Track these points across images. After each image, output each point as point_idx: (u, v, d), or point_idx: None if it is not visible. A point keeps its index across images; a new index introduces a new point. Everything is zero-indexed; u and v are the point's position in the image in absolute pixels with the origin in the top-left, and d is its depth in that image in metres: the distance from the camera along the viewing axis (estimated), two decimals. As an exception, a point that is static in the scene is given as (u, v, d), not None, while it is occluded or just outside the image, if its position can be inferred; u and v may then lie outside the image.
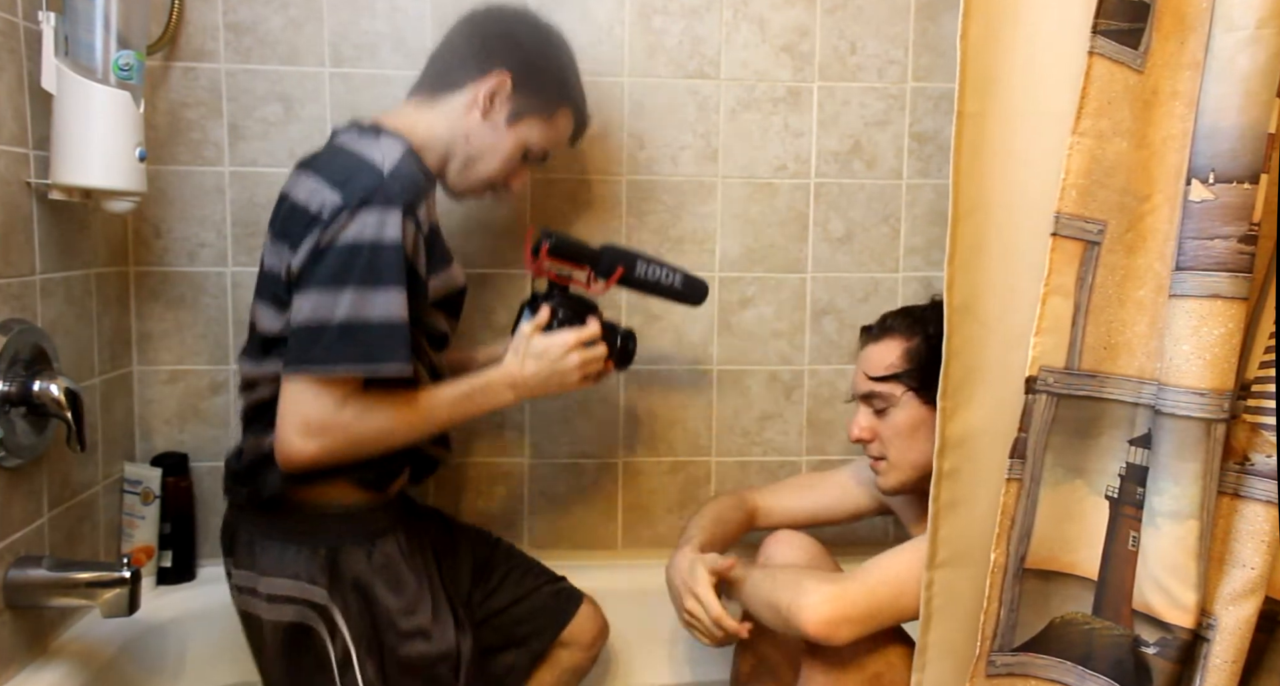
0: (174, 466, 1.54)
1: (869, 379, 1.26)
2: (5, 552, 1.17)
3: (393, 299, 1.11)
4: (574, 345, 1.25)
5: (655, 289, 1.36)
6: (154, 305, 1.56)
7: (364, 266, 1.10)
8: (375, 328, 1.11)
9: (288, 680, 1.24)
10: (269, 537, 1.22)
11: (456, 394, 1.22)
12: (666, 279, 1.35)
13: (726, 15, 1.60)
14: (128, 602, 1.20)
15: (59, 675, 1.22)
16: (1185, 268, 0.91)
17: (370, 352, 1.11)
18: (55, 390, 1.18)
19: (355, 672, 1.20)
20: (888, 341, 1.26)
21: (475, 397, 1.23)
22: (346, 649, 1.20)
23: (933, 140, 1.66)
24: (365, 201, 1.11)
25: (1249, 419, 0.94)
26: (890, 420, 1.25)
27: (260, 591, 1.21)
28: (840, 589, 1.13)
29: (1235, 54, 0.88)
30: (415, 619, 1.23)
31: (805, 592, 1.13)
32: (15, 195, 1.21)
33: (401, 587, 1.24)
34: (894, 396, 1.24)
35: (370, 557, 1.23)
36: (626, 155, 1.61)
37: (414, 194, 1.16)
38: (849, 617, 1.12)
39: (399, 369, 1.12)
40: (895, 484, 1.27)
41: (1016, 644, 1.02)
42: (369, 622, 1.21)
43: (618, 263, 1.32)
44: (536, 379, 1.23)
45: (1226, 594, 0.94)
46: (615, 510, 1.69)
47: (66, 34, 1.23)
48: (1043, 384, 0.97)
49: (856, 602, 1.12)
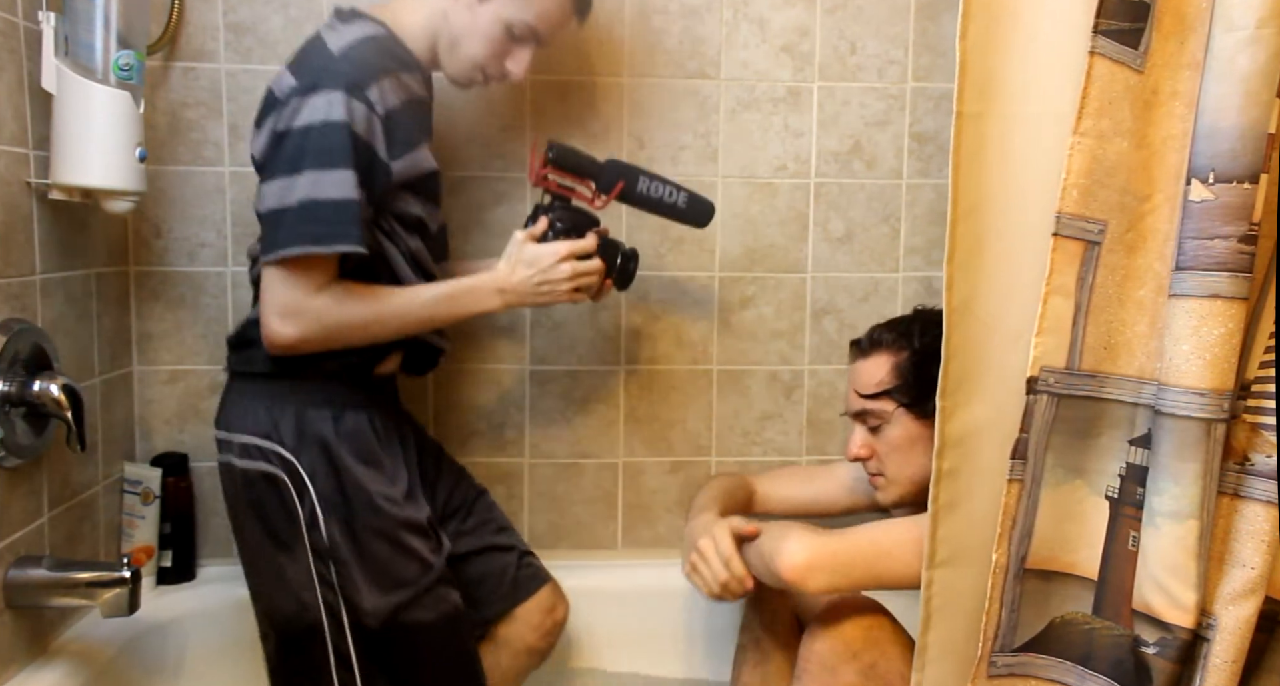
0: (174, 466, 1.54)
1: (860, 396, 1.26)
2: (5, 552, 1.17)
3: (341, 179, 1.13)
4: (566, 255, 1.23)
5: (658, 207, 1.34)
6: (154, 305, 1.56)
7: (315, 149, 1.13)
8: (325, 206, 1.13)
9: (257, 531, 1.24)
10: (247, 398, 1.25)
11: (440, 292, 1.23)
12: (670, 196, 1.33)
13: (726, 15, 1.60)
14: (128, 602, 1.21)
15: (59, 675, 1.22)
16: (1185, 267, 0.91)
17: (321, 232, 1.13)
18: (55, 390, 1.18)
19: (321, 530, 1.20)
20: (876, 357, 1.27)
21: (460, 298, 1.23)
22: (314, 508, 1.21)
23: (933, 140, 1.66)
24: (314, 85, 1.14)
25: (1249, 419, 0.94)
26: (885, 437, 1.26)
27: (234, 443, 1.24)
28: (822, 540, 1.14)
29: (1235, 54, 0.88)
30: (384, 488, 1.24)
31: (787, 539, 1.14)
32: (15, 195, 1.21)
33: (372, 459, 1.25)
34: (886, 413, 1.24)
35: (338, 424, 1.23)
36: (626, 155, 1.61)
37: (364, 75, 1.15)
38: (823, 566, 1.12)
39: (350, 247, 1.14)
40: (895, 498, 1.28)
41: (1017, 644, 1.02)
42: (335, 485, 1.22)
43: (619, 177, 1.30)
44: (525, 285, 1.23)
45: (1226, 594, 0.94)
46: (615, 510, 1.69)
47: (66, 34, 1.23)
48: (1044, 384, 0.97)
49: (836, 553, 1.13)
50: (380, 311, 1.20)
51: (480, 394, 1.64)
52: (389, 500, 1.23)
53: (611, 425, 1.67)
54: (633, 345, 1.66)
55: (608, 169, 1.31)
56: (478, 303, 1.23)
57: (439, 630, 1.24)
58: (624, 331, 1.65)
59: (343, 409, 1.25)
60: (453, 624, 1.26)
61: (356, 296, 1.19)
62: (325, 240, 1.14)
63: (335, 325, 1.18)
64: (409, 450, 1.33)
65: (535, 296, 1.24)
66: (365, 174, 1.15)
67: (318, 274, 1.16)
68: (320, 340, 1.18)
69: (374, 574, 1.21)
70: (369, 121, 1.15)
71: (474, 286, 1.24)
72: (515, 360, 1.65)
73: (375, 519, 1.22)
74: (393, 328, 1.22)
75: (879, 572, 1.12)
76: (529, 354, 1.65)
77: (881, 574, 1.12)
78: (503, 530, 1.44)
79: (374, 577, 1.21)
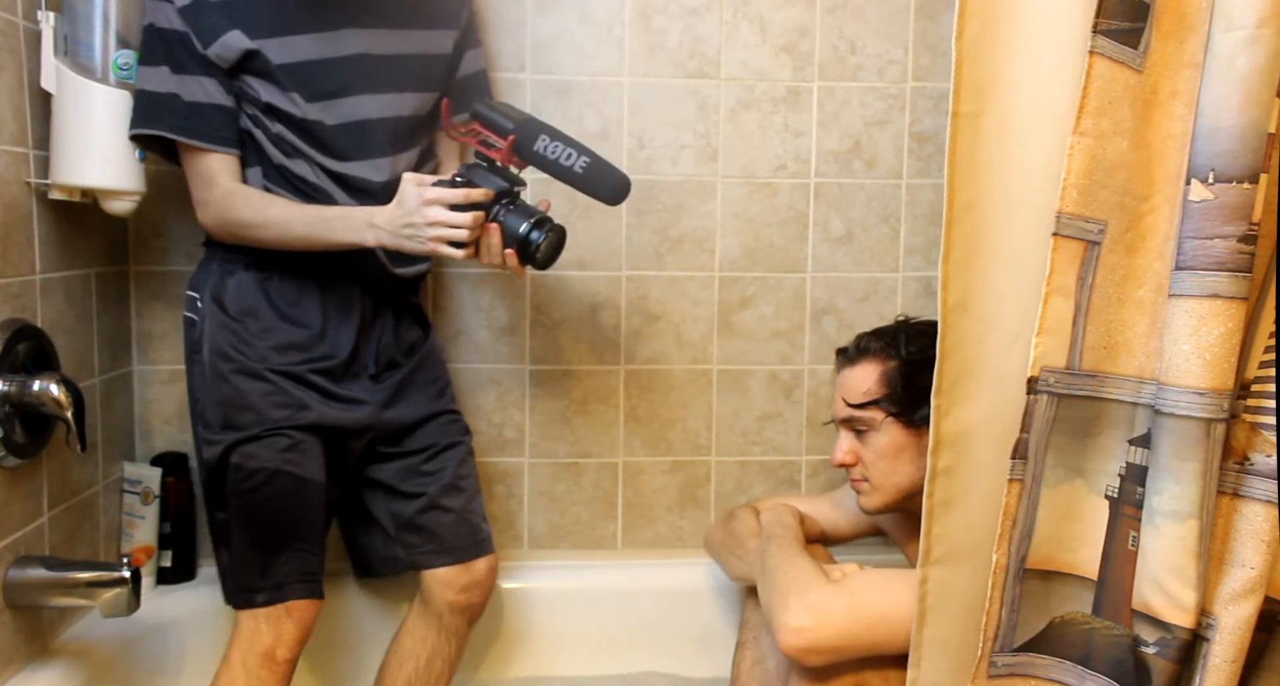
0: (174, 466, 1.54)
1: (848, 405, 1.26)
2: (5, 552, 1.18)
3: (155, 74, 1.24)
4: (432, 199, 1.17)
5: (555, 169, 1.24)
6: (154, 305, 1.56)
7: (143, 48, 1.25)
8: (148, 95, 1.25)
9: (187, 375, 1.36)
10: (203, 261, 1.36)
11: (320, 214, 1.25)
12: (567, 159, 1.23)
13: (726, 15, 1.60)
14: (128, 602, 1.21)
15: (59, 675, 1.22)
16: (1185, 267, 0.91)
17: (147, 117, 1.25)
18: (55, 390, 1.18)
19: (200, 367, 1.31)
20: (864, 365, 1.27)
21: (336, 224, 1.23)
22: (196, 345, 1.32)
23: (932, 140, 1.66)
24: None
25: (1248, 418, 0.94)
26: (872, 443, 1.25)
27: (186, 296, 1.35)
28: (822, 617, 1.12)
29: (1235, 54, 0.88)
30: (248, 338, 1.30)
31: (787, 609, 1.13)
32: (15, 195, 1.21)
33: (249, 312, 1.31)
34: (875, 421, 1.24)
35: (238, 279, 1.31)
36: (626, 155, 1.61)
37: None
38: (822, 648, 1.12)
39: (165, 132, 1.25)
40: (878, 505, 1.27)
41: (1017, 644, 1.02)
42: (211, 328, 1.30)
43: (515, 130, 1.23)
44: (391, 224, 1.19)
45: (1226, 593, 0.94)
46: (615, 510, 1.69)
47: (66, 34, 1.24)
48: (1044, 384, 0.97)
49: (835, 636, 1.11)
50: (266, 219, 1.25)
51: (480, 394, 1.65)
52: (244, 347, 1.29)
53: (611, 425, 1.67)
54: (633, 345, 1.66)
55: (517, 124, 1.24)
56: (351, 231, 1.22)
57: (253, 480, 1.26)
58: (624, 331, 1.65)
59: (267, 270, 1.32)
60: (268, 478, 1.26)
61: (244, 199, 1.26)
62: (146, 123, 1.25)
63: (231, 222, 1.26)
64: (347, 327, 1.35)
65: (400, 238, 1.19)
66: (179, 65, 1.24)
67: (202, 168, 1.27)
68: (224, 234, 1.29)
69: (215, 411, 1.29)
70: (193, 16, 1.22)
71: (350, 215, 1.23)
72: (515, 360, 1.65)
73: (223, 363, 1.28)
74: (275, 237, 1.26)
75: (879, 641, 1.11)
76: (529, 354, 1.65)
77: (882, 642, 1.11)
78: (472, 500, 1.43)
79: (216, 415, 1.29)
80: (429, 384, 1.44)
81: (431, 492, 1.39)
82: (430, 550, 1.39)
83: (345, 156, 1.30)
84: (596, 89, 1.60)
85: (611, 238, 1.62)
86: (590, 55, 1.59)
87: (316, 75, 1.27)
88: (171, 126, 1.25)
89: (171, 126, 1.25)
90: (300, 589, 1.27)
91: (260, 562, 1.26)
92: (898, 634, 1.07)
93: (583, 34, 1.55)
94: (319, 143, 1.29)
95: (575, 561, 1.63)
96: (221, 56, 1.23)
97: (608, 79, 1.60)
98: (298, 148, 1.28)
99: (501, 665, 1.60)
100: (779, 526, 1.33)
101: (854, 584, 1.16)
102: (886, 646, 1.10)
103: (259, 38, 1.23)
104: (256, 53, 1.23)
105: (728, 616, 1.58)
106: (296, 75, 1.26)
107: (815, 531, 1.43)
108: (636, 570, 1.64)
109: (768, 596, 1.19)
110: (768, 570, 1.23)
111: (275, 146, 1.28)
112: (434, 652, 1.39)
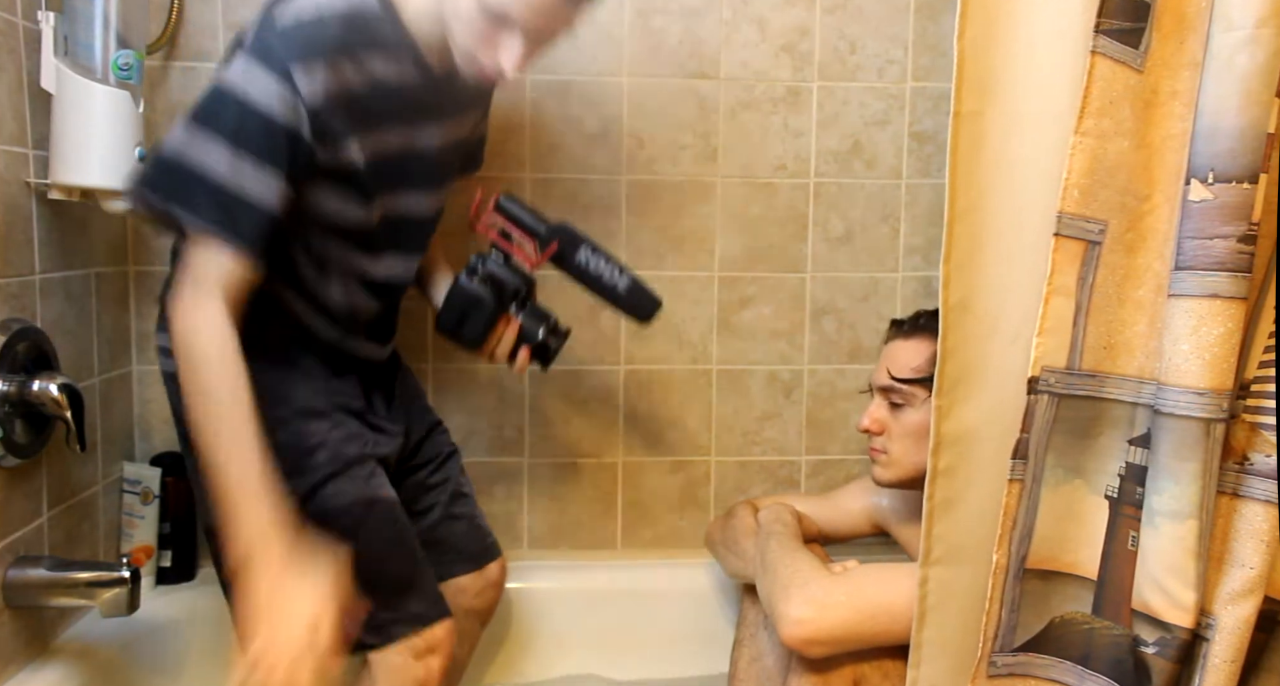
0: (173, 466, 1.53)
1: (891, 377, 1.26)
2: (5, 552, 1.18)
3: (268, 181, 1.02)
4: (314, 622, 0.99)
5: (595, 284, 1.23)
6: (154, 305, 1.56)
7: (252, 132, 1.01)
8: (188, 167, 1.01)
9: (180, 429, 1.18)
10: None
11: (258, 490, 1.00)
12: (610, 276, 1.22)
13: (726, 15, 1.60)
14: (127, 602, 1.21)
15: (59, 675, 1.22)
16: (1184, 267, 0.91)
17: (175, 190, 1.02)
18: (55, 390, 1.18)
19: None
20: (917, 341, 1.25)
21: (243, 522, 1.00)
22: None
23: (932, 140, 1.66)
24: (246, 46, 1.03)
25: (1248, 418, 0.94)
26: (903, 419, 1.25)
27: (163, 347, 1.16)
28: (823, 608, 1.12)
29: (1234, 54, 0.88)
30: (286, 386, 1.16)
31: (789, 600, 1.13)
32: (15, 195, 1.21)
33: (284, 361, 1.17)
34: (914, 398, 1.24)
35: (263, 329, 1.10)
36: (626, 155, 1.61)
37: (307, 52, 1.02)
38: (823, 640, 1.12)
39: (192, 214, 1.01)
40: (891, 479, 1.28)
41: (1017, 644, 1.02)
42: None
43: (557, 238, 1.20)
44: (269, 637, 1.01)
45: (1226, 593, 0.94)
46: (615, 510, 1.69)
47: (66, 34, 1.23)
48: (1044, 384, 0.97)
49: (834, 628, 1.12)
50: (220, 398, 1.02)
51: (480, 394, 1.65)
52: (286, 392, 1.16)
53: (611, 425, 1.67)
54: (632, 345, 1.66)
55: (551, 229, 1.22)
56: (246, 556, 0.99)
57: (352, 515, 1.16)
58: (624, 331, 1.65)
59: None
60: (367, 509, 1.18)
61: (221, 349, 1.02)
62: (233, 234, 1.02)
63: (187, 349, 1.03)
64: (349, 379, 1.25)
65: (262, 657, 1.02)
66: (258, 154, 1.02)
67: (213, 266, 1.03)
68: (174, 349, 1.04)
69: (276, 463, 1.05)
70: (297, 111, 1.02)
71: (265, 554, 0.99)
72: (515, 360, 1.65)
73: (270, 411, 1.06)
74: (205, 423, 1.03)
75: (881, 631, 1.11)
76: (529, 354, 1.65)
77: (884, 633, 1.11)
78: (461, 496, 1.42)
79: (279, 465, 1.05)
80: (416, 398, 1.43)
81: (442, 503, 1.39)
82: (449, 561, 1.38)
83: (381, 251, 1.20)
84: (596, 89, 1.60)
85: (611, 238, 1.62)
86: (590, 55, 1.59)
87: (387, 170, 1.15)
88: (208, 214, 1.01)
89: (208, 214, 1.01)
90: (437, 610, 1.21)
91: (388, 594, 1.16)
92: (899, 624, 1.08)
93: (582, 34, 1.55)
94: (359, 240, 1.17)
95: (575, 561, 1.63)
96: (329, 162, 1.08)
97: (607, 79, 1.59)
98: (333, 260, 1.16)
99: (501, 665, 1.60)
100: (778, 523, 1.33)
101: (855, 576, 1.16)
102: (888, 637, 1.10)
103: (359, 133, 1.10)
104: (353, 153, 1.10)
105: (727, 616, 1.58)
106: (372, 170, 1.12)
107: (813, 531, 1.43)
108: (636, 570, 1.64)
109: (768, 589, 1.19)
110: (768, 564, 1.23)
111: (308, 257, 1.14)
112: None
